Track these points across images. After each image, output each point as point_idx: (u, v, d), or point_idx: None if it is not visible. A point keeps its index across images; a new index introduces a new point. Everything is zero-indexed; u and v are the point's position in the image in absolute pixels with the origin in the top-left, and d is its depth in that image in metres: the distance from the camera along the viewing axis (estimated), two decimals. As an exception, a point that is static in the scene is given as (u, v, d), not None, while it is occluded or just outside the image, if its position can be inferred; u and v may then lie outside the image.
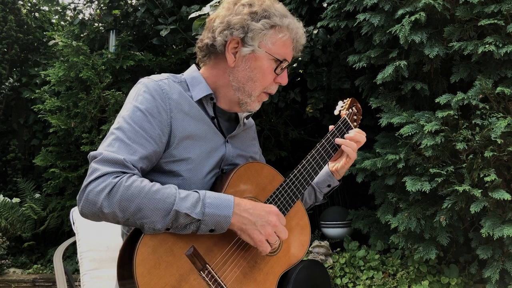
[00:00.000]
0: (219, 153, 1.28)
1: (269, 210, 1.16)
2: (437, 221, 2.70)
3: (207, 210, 1.08)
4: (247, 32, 1.22)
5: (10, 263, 4.71)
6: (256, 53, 1.24)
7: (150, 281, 1.02)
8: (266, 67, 1.26)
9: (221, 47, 1.25)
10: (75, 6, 6.82)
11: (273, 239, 1.15)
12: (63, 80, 4.56)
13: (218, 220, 1.09)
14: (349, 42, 3.90)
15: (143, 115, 1.16)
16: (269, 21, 1.23)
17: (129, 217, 1.05)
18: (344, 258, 3.36)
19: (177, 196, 1.07)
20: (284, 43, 1.26)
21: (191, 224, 1.08)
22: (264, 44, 1.24)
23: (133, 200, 1.04)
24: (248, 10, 1.23)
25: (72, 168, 4.73)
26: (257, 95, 1.29)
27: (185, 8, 4.11)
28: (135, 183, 1.06)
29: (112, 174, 1.06)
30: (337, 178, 1.54)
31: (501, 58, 2.59)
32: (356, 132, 1.47)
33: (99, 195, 1.04)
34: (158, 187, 1.08)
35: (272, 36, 1.24)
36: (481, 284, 2.89)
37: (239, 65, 1.25)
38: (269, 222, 1.14)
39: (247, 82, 1.26)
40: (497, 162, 2.65)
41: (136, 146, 1.12)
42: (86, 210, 1.05)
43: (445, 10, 2.76)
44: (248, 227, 1.13)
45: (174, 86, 1.24)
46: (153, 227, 1.05)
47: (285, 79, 1.32)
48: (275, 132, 4.68)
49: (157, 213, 1.05)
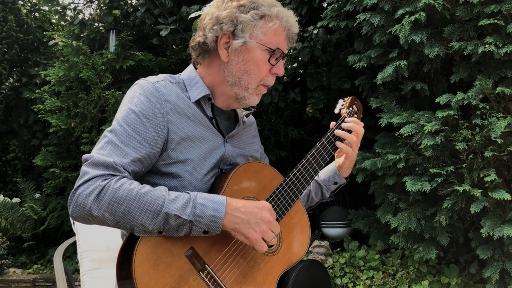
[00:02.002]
0: (218, 153, 1.27)
1: (261, 206, 1.15)
2: (437, 221, 2.70)
3: (198, 211, 1.07)
4: (236, 24, 1.21)
5: (10, 263, 4.71)
6: (248, 45, 1.23)
7: (149, 282, 1.01)
8: (260, 58, 1.25)
9: (213, 43, 1.24)
10: (75, 6, 6.82)
11: (269, 236, 1.14)
12: (63, 80, 4.56)
13: (210, 221, 1.08)
14: (349, 42, 3.90)
15: (137, 117, 1.15)
16: (257, 11, 1.22)
17: (119, 220, 1.05)
18: (344, 258, 3.36)
19: (167, 198, 1.07)
20: (275, 31, 1.25)
21: (183, 226, 1.07)
22: (255, 35, 1.23)
23: (122, 203, 1.04)
24: (236, 4, 1.22)
25: (72, 168, 4.73)
26: (254, 88, 1.27)
27: (185, 8, 4.11)
28: (124, 186, 1.05)
29: (101, 177, 1.05)
30: (343, 175, 1.54)
31: (501, 58, 2.59)
32: (353, 122, 1.44)
33: (87, 198, 1.03)
34: (147, 189, 1.07)
35: (262, 26, 1.23)
36: (481, 284, 2.89)
37: (232, 59, 1.25)
38: (263, 219, 1.13)
39: (242, 75, 1.25)
40: (497, 162, 2.65)
41: (128, 149, 1.12)
42: (76, 213, 1.05)
43: (445, 10, 2.76)
44: (241, 226, 1.11)
45: (171, 88, 1.23)
46: (143, 229, 1.04)
47: (281, 69, 1.30)
48: (275, 132, 4.68)
49: (146, 215, 1.04)
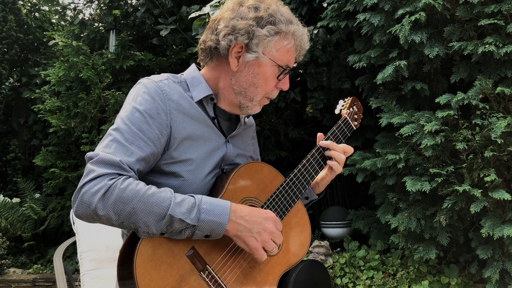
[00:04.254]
0: (220, 153, 1.28)
1: (266, 216, 1.15)
2: (437, 221, 2.70)
3: (202, 216, 1.07)
4: (252, 38, 1.20)
5: (10, 263, 4.71)
6: (260, 60, 1.23)
7: (150, 282, 1.02)
8: (269, 73, 1.25)
9: (225, 51, 1.23)
10: (75, 6, 6.82)
11: (269, 246, 1.14)
12: (63, 80, 4.56)
13: (213, 227, 1.08)
14: (349, 42, 3.90)
15: (141, 116, 1.15)
16: (274, 27, 1.21)
17: (123, 220, 1.04)
18: (344, 258, 3.36)
19: (173, 201, 1.07)
20: (288, 50, 1.25)
21: (186, 230, 1.07)
22: (269, 51, 1.22)
23: (128, 203, 1.04)
24: (253, 15, 1.20)
25: (72, 168, 4.73)
26: (258, 100, 1.28)
27: (185, 8, 4.11)
28: (130, 186, 1.05)
29: (107, 176, 1.05)
30: (316, 191, 1.47)
31: (501, 58, 2.59)
32: (344, 146, 1.41)
33: (93, 197, 1.03)
34: (154, 191, 1.07)
35: (277, 43, 1.22)
36: (481, 284, 2.89)
37: (242, 70, 1.24)
38: (266, 229, 1.13)
39: (249, 87, 1.25)
40: (497, 162, 2.65)
41: (133, 148, 1.11)
42: (80, 211, 1.05)
43: (445, 10, 2.76)
44: (243, 234, 1.11)
45: (174, 87, 1.23)
46: (147, 231, 1.04)
47: (287, 84, 1.31)
48: (275, 132, 4.68)
49: (151, 217, 1.04)
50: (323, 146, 1.39)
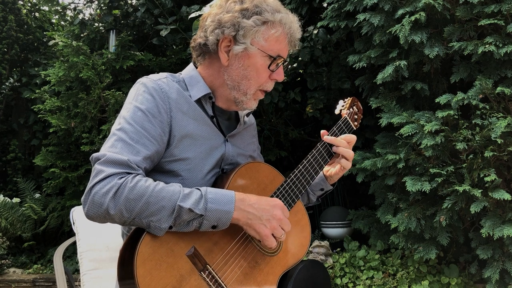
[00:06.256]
0: (219, 152, 1.28)
1: (273, 204, 1.17)
2: (437, 221, 2.70)
3: (209, 205, 1.08)
4: (238, 30, 1.20)
5: (10, 263, 4.71)
6: (249, 51, 1.22)
7: (151, 282, 1.02)
8: (260, 64, 1.24)
9: (214, 46, 1.24)
10: (75, 6, 6.83)
11: (278, 233, 1.16)
12: (63, 80, 4.56)
13: (219, 216, 1.09)
14: (349, 42, 3.91)
15: (144, 115, 1.15)
16: (260, 17, 1.21)
17: (135, 217, 1.05)
18: (344, 258, 3.36)
19: (181, 193, 1.08)
20: (277, 39, 1.24)
21: (194, 220, 1.08)
22: (257, 41, 1.22)
23: (139, 200, 1.04)
24: (239, 7, 1.21)
25: (72, 168, 4.73)
26: (252, 93, 1.28)
27: (185, 8, 4.11)
28: (140, 183, 1.06)
29: (117, 175, 1.06)
30: (330, 183, 1.52)
31: (501, 58, 2.59)
32: (346, 135, 1.43)
33: (105, 197, 1.03)
34: (163, 186, 1.08)
35: (264, 33, 1.22)
36: (481, 284, 2.89)
37: (232, 64, 1.24)
38: (274, 216, 1.15)
39: (241, 80, 1.25)
40: (497, 162, 2.65)
41: (139, 147, 1.12)
42: (92, 212, 1.05)
43: (445, 10, 2.76)
44: (253, 221, 1.13)
45: (173, 86, 1.24)
46: (159, 225, 1.05)
47: (281, 75, 1.30)
48: (275, 132, 4.68)
49: (163, 211, 1.05)
50: (327, 141, 1.40)
